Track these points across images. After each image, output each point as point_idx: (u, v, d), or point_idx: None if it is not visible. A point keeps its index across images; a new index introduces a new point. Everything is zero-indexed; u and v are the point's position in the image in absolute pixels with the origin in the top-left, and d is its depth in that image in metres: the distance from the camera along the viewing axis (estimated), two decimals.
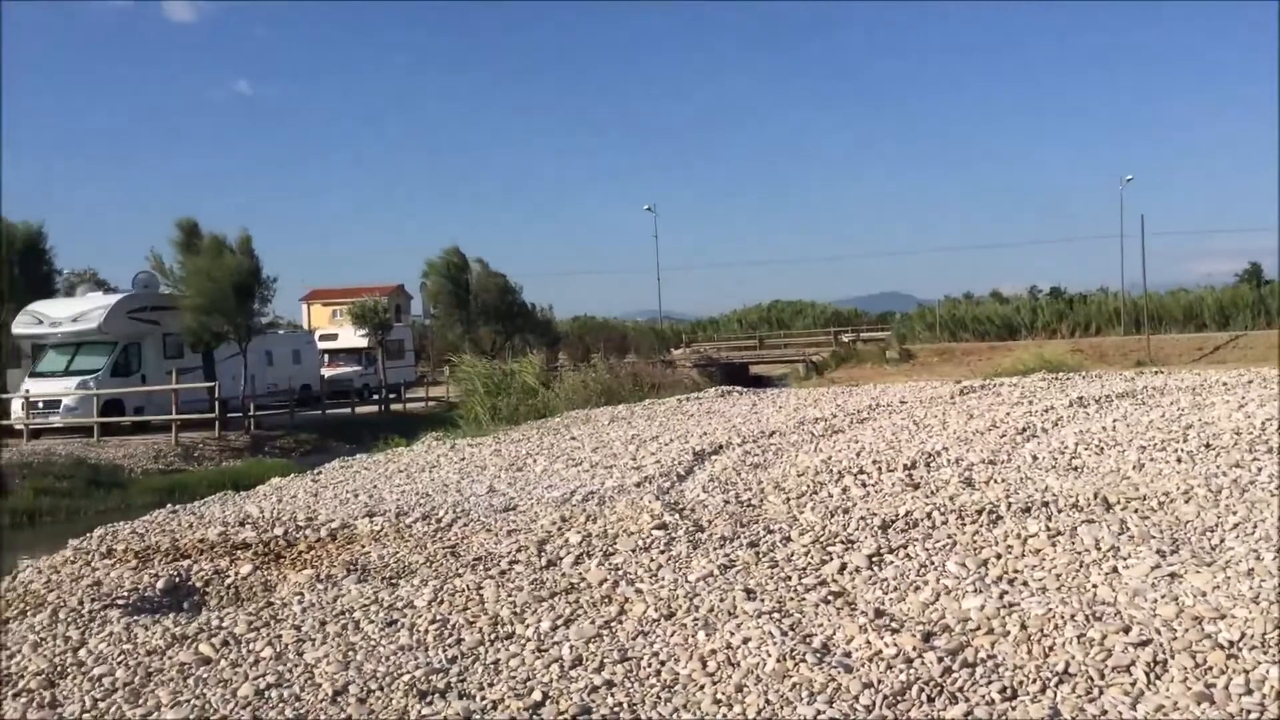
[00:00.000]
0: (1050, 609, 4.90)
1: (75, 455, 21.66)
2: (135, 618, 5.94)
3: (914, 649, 4.58)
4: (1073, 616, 4.79)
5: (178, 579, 6.70)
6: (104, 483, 20.54)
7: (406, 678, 4.72)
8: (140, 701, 4.73)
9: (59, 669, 5.21)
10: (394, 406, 35.18)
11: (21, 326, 26.82)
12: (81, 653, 5.41)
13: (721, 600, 5.40)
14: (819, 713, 4.10)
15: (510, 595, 5.76)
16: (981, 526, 6.46)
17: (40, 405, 25.27)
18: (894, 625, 4.91)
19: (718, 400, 16.42)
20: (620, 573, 6.04)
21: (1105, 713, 3.97)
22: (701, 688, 4.46)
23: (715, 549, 6.41)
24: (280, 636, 5.43)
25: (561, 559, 6.44)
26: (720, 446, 10.81)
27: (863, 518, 6.86)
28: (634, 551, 6.45)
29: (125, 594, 6.38)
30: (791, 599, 5.41)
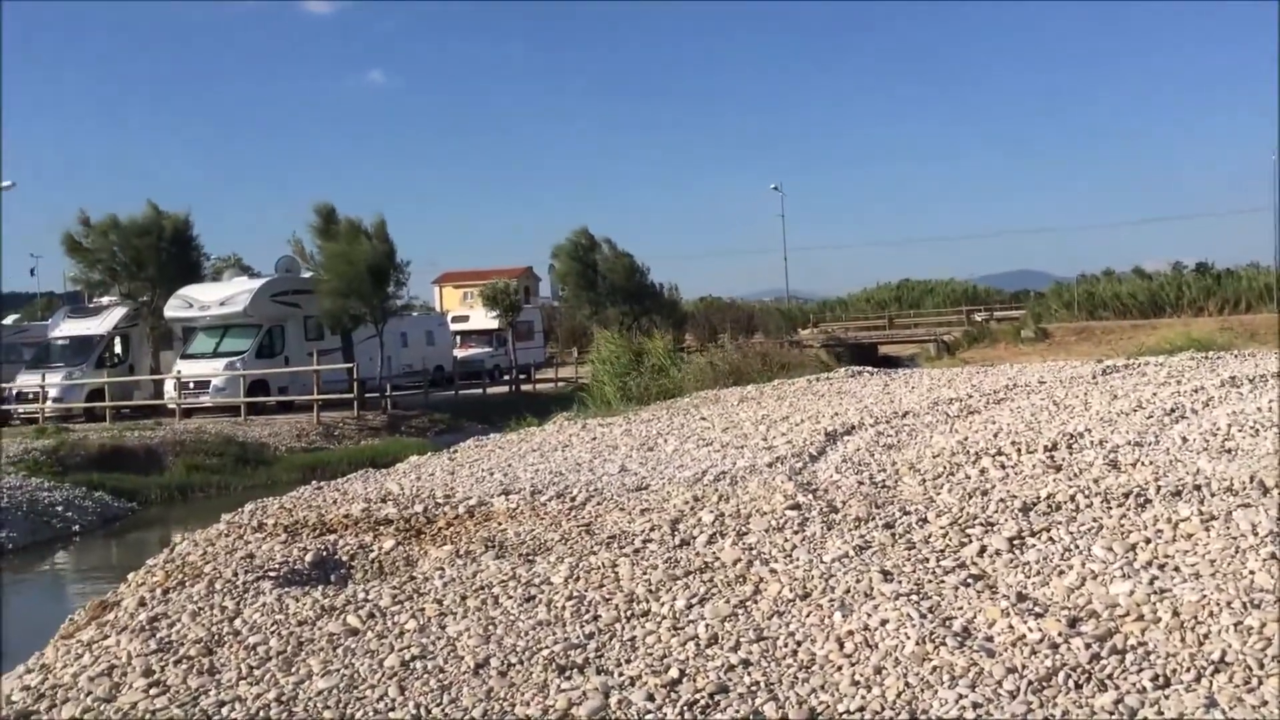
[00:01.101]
0: (1204, 595, 4.72)
1: (224, 433, 22.62)
2: (286, 589, 6.17)
3: (1059, 634, 4.46)
4: (1229, 604, 4.60)
5: (325, 553, 6.94)
6: (251, 460, 21.43)
7: (545, 652, 4.81)
8: (293, 670, 4.92)
9: (216, 637, 5.46)
10: (524, 387, 35.79)
11: (173, 310, 28.07)
12: (237, 622, 5.65)
13: (858, 581, 5.34)
14: (960, 696, 4.03)
15: (645, 573, 5.80)
16: (1129, 510, 6.25)
17: (191, 385, 26.42)
18: (1038, 610, 4.79)
19: (848, 380, 16.22)
20: (754, 552, 6.02)
21: (1265, 703, 3.81)
22: (839, 668, 4.43)
23: (850, 530, 6.34)
24: (423, 610, 5.58)
25: (695, 538, 6.46)
26: (852, 427, 10.68)
27: (1002, 500, 6.71)
28: (767, 531, 6.43)
29: (276, 566, 6.64)
30: (930, 581, 5.32)
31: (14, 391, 27.84)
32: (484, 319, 39.83)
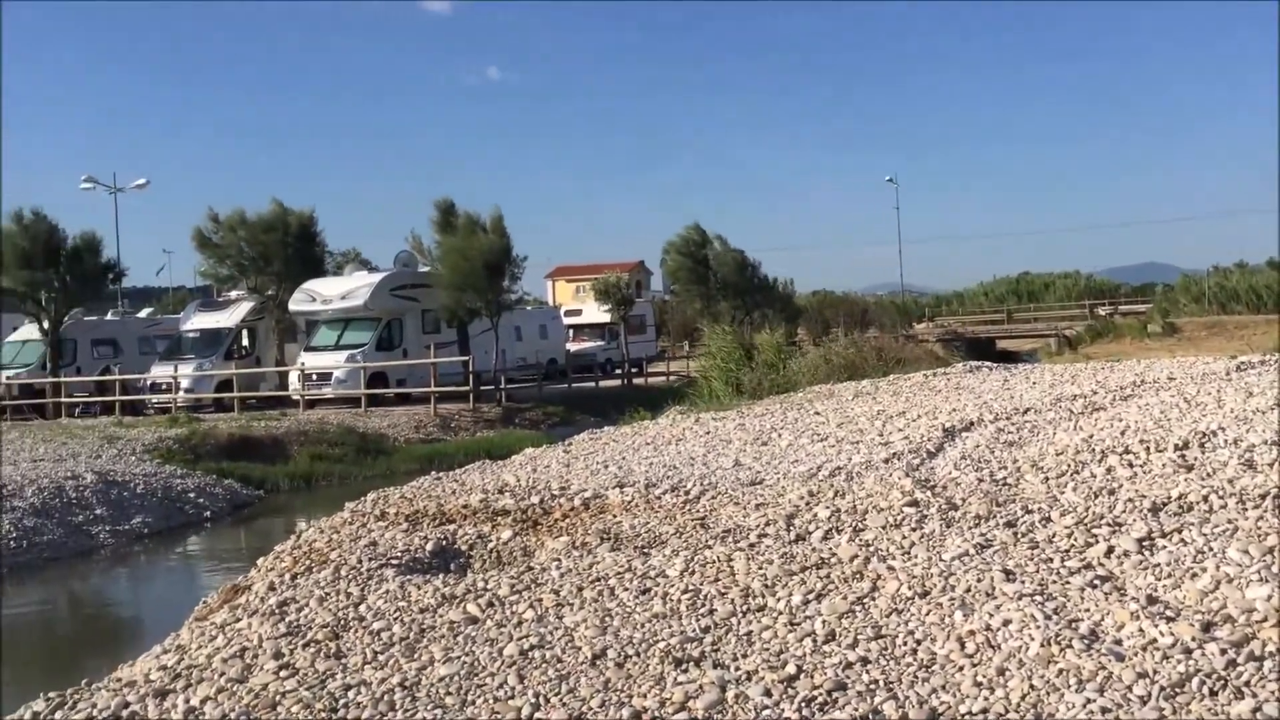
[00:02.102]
0: None
1: (345, 424, 23.21)
2: (408, 577, 6.32)
3: (1193, 639, 4.31)
4: None
5: (444, 542, 7.08)
6: (370, 450, 21.95)
7: (662, 645, 4.83)
8: (415, 656, 5.04)
9: (342, 622, 5.62)
10: (636, 380, 35.93)
11: (297, 304, 28.85)
12: (362, 608, 5.81)
13: (979, 580, 5.24)
14: (1088, 701, 3.92)
15: (760, 568, 5.78)
16: (1266, 512, 6.00)
17: (314, 377, 27.15)
18: (1169, 613, 4.63)
19: (966, 375, 15.91)
20: (871, 549, 5.96)
21: None
22: (960, 669, 4.36)
23: (970, 528, 6.22)
24: (541, 600, 5.66)
25: (810, 533, 6.41)
26: (971, 423, 10.47)
27: (1130, 499, 6.50)
28: (884, 528, 6.35)
29: (398, 554, 6.80)
30: (1054, 582, 5.19)
31: (148, 382, 28.99)
32: (596, 313, 40.09)
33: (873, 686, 4.27)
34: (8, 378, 30.05)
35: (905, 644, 4.65)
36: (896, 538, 6.12)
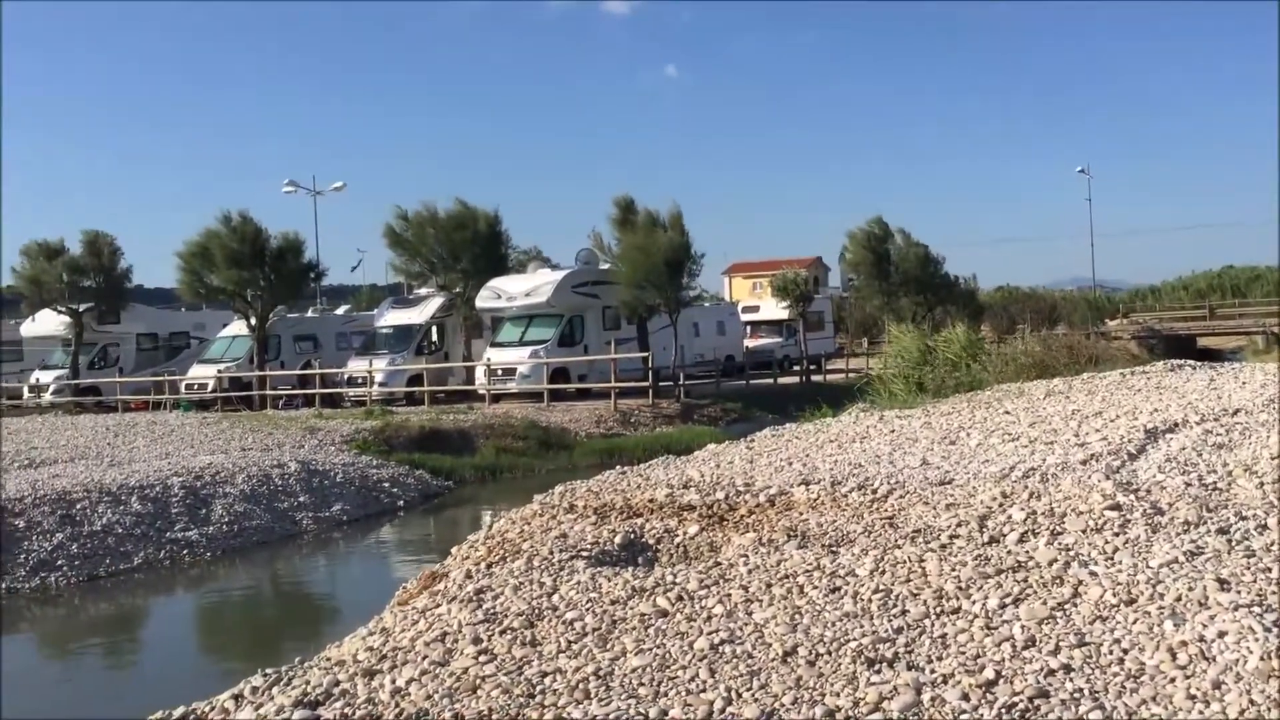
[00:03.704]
0: None
1: (529, 418, 23.82)
2: (598, 569, 6.44)
3: None
4: None
5: (632, 535, 7.19)
6: (553, 444, 22.48)
7: (853, 644, 4.79)
8: (608, 646, 5.14)
9: (536, 611, 5.77)
10: (814, 377, 35.62)
11: (483, 301, 29.77)
12: (555, 598, 5.95)
13: (1190, 589, 5.00)
14: None
15: (954, 570, 5.66)
16: None
17: (499, 372, 27.95)
18: None
19: (1167, 375, 15.13)
20: (1071, 553, 5.75)
21: None
22: (1172, 680, 4.17)
23: (1178, 534, 5.94)
24: (729, 595, 5.68)
25: (1005, 536, 6.23)
26: (1175, 424, 9.97)
27: None
28: (1085, 532, 6.12)
29: (588, 547, 6.94)
30: (1274, 593, 4.90)
31: (345, 376, 30.42)
32: (774, 309, 39.92)
33: (1077, 695, 4.13)
34: (219, 371, 32.01)
35: (1111, 653, 4.48)
36: (1098, 542, 5.90)
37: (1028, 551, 5.87)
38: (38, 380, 35.01)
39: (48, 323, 35.59)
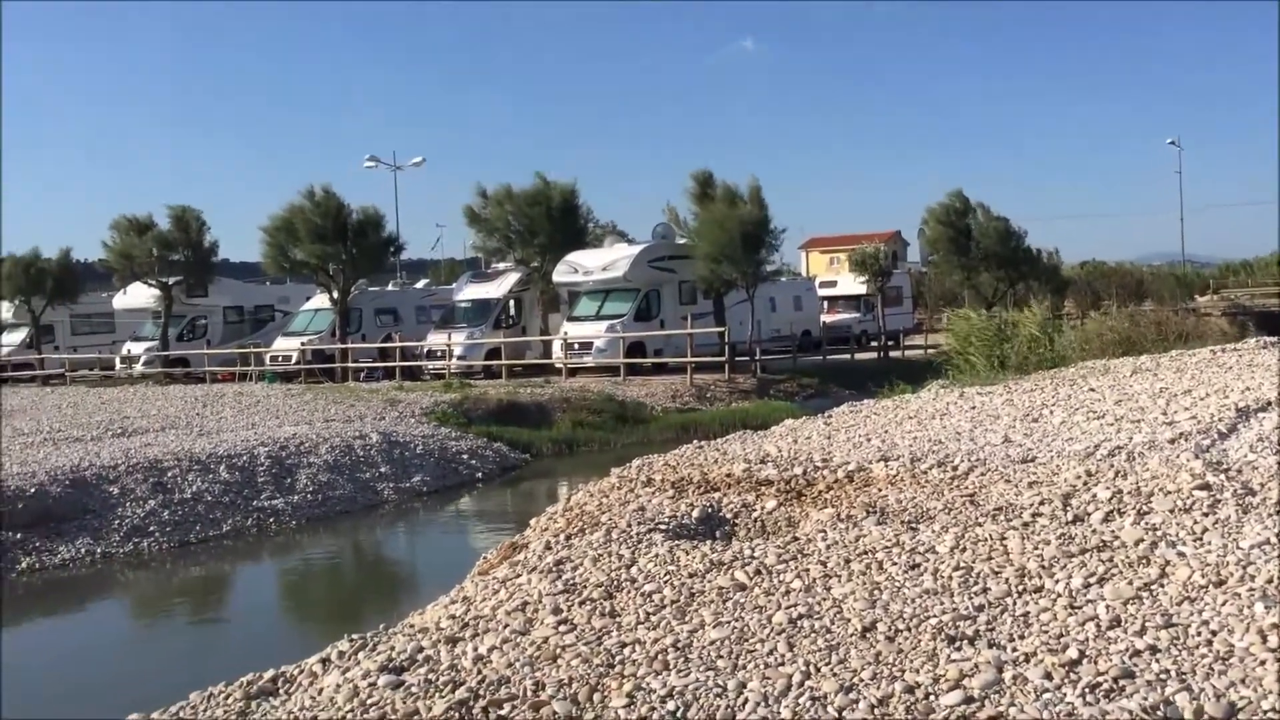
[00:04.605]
0: None
1: (605, 392, 23.92)
2: (676, 542, 6.48)
3: None
4: None
5: (710, 509, 7.21)
6: (629, 418, 22.54)
7: (933, 621, 4.76)
8: (686, 619, 5.17)
9: (615, 583, 5.82)
10: (892, 353, 35.26)
11: (560, 275, 29.90)
12: (633, 570, 6.00)
13: None
14: None
15: (1036, 548, 5.60)
16: None
17: (576, 346, 28.07)
18: None
19: (1260, 352, 14.72)
20: (1158, 533, 5.65)
21: None
22: (1262, 663, 4.09)
23: (1270, 515, 5.80)
24: (808, 570, 5.68)
25: (1089, 515, 6.14)
26: (1267, 403, 9.70)
27: None
28: (1172, 512, 6.00)
29: (665, 520, 6.98)
30: None
31: (425, 349, 30.82)
32: (852, 284, 39.52)
33: (1163, 676, 4.06)
34: (302, 344, 32.64)
35: (1199, 634, 4.39)
36: (1187, 522, 5.78)
37: (1113, 531, 5.78)
38: (129, 352, 36.00)
39: (138, 296, 36.53)
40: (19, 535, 12.75)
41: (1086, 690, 4.01)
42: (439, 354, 30.14)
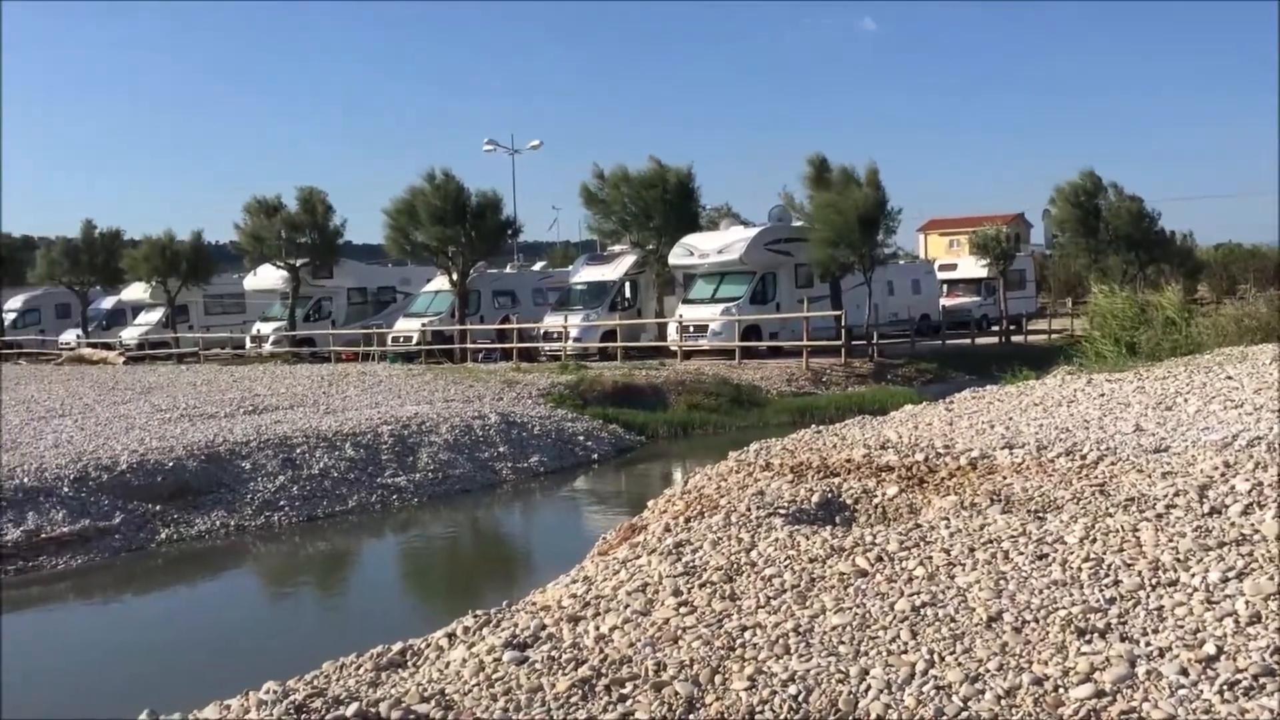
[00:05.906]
0: None
1: (720, 375, 23.89)
2: (796, 527, 6.46)
3: None
4: None
5: (830, 495, 7.16)
6: (744, 401, 22.47)
7: (1062, 613, 4.66)
8: (807, 604, 5.16)
9: (735, 566, 5.84)
10: (1014, 338, 34.47)
11: (676, 258, 29.93)
12: (753, 554, 6.01)
13: None
14: None
15: (1171, 540, 5.43)
16: None
17: (691, 329, 28.08)
18: None
19: None
20: None
21: None
22: None
23: None
24: (930, 558, 5.61)
25: (1227, 507, 5.93)
26: None
27: None
28: None
29: (785, 505, 6.96)
30: None
31: (542, 331, 31.19)
32: (972, 267, 38.71)
33: None
34: (422, 325, 33.34)
35: None
36: None
37: (1253, 524, 5.57)
38: (259, 331, 37.26)
39: (268, 277, 37.74)
40: (159, 507, 13.33)
41: (1225, 687, 3.89)
42: (555, 336, 30.46)
